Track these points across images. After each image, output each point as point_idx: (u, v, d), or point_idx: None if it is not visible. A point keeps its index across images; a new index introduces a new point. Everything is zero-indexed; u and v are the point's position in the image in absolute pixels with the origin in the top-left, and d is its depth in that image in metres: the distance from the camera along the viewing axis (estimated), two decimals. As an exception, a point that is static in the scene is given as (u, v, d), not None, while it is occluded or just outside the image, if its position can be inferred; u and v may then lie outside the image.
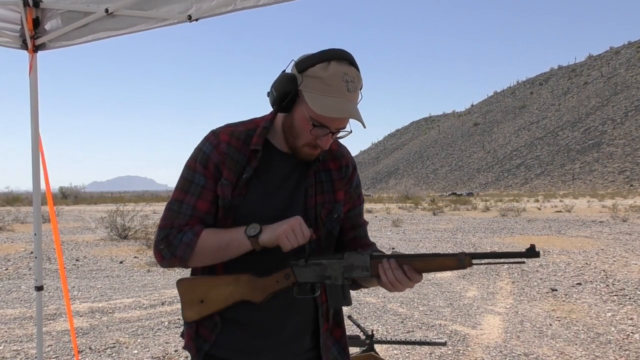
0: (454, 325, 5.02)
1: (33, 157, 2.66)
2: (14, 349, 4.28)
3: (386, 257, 1.19)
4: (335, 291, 1.23)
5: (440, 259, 1.17)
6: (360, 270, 1.21)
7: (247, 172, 1.26)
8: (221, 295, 1.24)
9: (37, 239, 2.72)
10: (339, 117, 1.19)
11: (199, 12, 2.16)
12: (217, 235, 1.24)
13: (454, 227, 17.11)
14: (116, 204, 26.23)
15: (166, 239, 1.25)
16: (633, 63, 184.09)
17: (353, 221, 1.41)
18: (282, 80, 1.21)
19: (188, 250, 1.23)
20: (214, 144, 1.26)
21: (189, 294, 1.26)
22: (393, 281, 1.17)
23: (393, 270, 1.17)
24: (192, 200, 1.26)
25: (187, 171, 1.28)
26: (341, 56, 1.19)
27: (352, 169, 1.39)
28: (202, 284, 1.26)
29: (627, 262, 8.62)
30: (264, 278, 1.24)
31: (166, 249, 1.25)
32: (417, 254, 1.20)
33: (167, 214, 1.28)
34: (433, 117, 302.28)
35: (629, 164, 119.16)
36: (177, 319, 5.23)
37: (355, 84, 1.20)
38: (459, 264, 1.16)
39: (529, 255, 1.12)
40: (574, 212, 25.50)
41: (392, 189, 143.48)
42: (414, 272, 1.17)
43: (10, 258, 9.79)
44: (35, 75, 2.62)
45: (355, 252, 1.23)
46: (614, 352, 4.14)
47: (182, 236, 1.24)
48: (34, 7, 2.55)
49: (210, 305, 1.25)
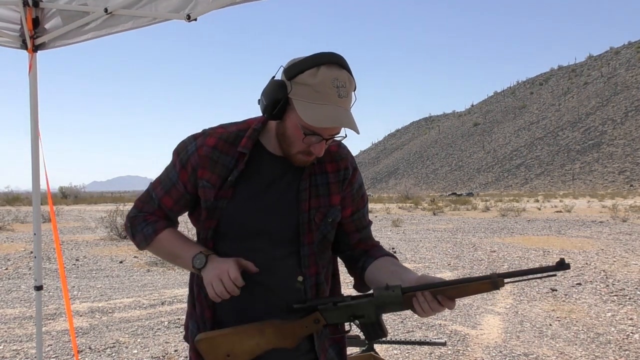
0: (453, 325, 5.02)
1: (33, 157, 2.66)
2: (13, 349, 4.28)
3: (420, 289, 1.16)
4: (372, 327, 1.20)
5: (475, 284, 1.15)
6: (393, 307, 1.18)
7: (233, 174, 1.24)
8: (247, 348, 1.20)
9: (37, 239, 2.72)
10: (330, 126, 1.15)
11: (197, 9, 2.15)
12: (172, 244, 1.30)
13: (454, 227, 17.10)
14: (116, 203, 26.23)
15: (133, 220, 1.35)
16: (633, 63, 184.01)
17: (357, 224, 1.38)
18: (271, 88, 1.18)
19: (143, 242, 1.32)
20: (198, 145, 1.26)
21: (214, 352, 1.21)
22: (428, 311, 1.16)
23: (429, 303, 1.15)
24: (161, 193, 1.32)
25: (170, 163, 1.32)
26: (331, 60, 1.14)
27: (352, 171, 1.35)
28: (224, 341, 1.21)
29: (627, 263, 8.62)
30: (291, 324, 1.20)
31: (130, 228, 1.35)
32: (450, 282, 1.16)
33: (144, 195, 1.36)
34: (433, 117, 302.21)
35: (629, 164, 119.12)
36: (177, 319, 5.23)
37: (346, 88, 1.16)
38: (493, 286, 1.14)
39: (559, 268, 1.11)
40: (574, 212, 25.49)
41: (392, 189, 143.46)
42: (449, 300, 1.16)
43: (10, 258, 9.78)
44: (34, 75, 2.62)
45: (384, 289, 1.18)
46: (613, 352, 4.14)
47: (145, 226, 1.31)
48: (33, 7, 2.55)
49: (237, 359, 1.21)
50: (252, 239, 1.25)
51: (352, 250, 1.39)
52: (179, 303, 5.99)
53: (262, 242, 1.25)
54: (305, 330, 1.21)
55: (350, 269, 1.41)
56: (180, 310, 5.65)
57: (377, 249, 1.39)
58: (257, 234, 1.26)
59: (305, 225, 1.27)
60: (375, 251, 1.37)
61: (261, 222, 1.25)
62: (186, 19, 2.16)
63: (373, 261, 1.32)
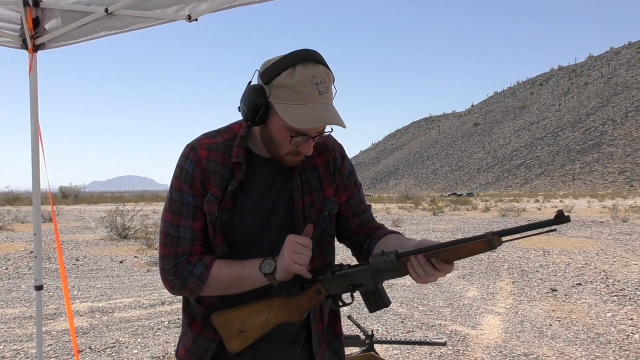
0: (453, 325, 5.02)
1: (33, 157, 2.66)
2: (13, 349, 4.28)
3: (413, 253, 1.13)
4: (372, 296, 1.20)
5: (469, 244, 1.10)
6: (389, 273, 1.16)
7: (232, 184, 1.22)
8: (258, 323, 1.23)
9: (37, 239, 2.72)
10: (315, 126, 1.13)
11: (197, 10, 2.15)
12: (230, 270, 1.20)
13: (454, 227, 17.10)
14: (116, 203, 26.24)
15: (174, 270, 1.21)
16: (633, 63, 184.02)
17: (355, 209, 1.37)
18: (249, 94, 1.15)
19: (199, 284, 1.20)
20: (195, 161, 1.21)
21: (228, 328, 1.24)
22: (424, 276, 1.13)
23: (422, 266, 1.12)
24: (189, 222, 1.22)
25: (175, 192, 1.23)
26: (305, 57, 1.12)
27: (340, 160, 1.34)
28: (236, 316, 1.24)
29: (627, 263, 8.62)
30: (296, 298, 1.22)
31: (176, 280, 1.22)
32: (444, 243, 1.13)
33: (166, 239, 1.23)
34: (433, 117, 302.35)
35: (629, 164, 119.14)
36: (176, 319, 5.23)
37: (326, 83, 1.13)
38: (489, 246, 1.09)
39: (558, 221, 1.04)
40: (574, 212, 25.48)
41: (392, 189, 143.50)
42: (443, 263, 1.12)
43: (10, 257, 9.78)
44: (35, 75, 2.62)
45: (379, 255, 1.17)
46: (613, 353, 4.14)
47: (193, 268, 1.20)
48: (33, 7, 2.55)
49: (251, 334, 1.24)
50: (257, 245, 1.25)
51: (355, 236, 1.38)
52: (179, 303, 5.99)
53: (265, 246, 1.25)
54: (309, 302, 1.22)
55: (357, 255, 1.40)
56: (180, 310, 5.65)
57: (380, 230, 1.37)
58: (261, 240, 1.25)
59: (301, 222, 1.27)
60: (378, 232, 1.36)
61: (263, 229, 1.25)
62: (187, 19, 2.16)
63: (377, 241, 1.31)
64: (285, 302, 1.22)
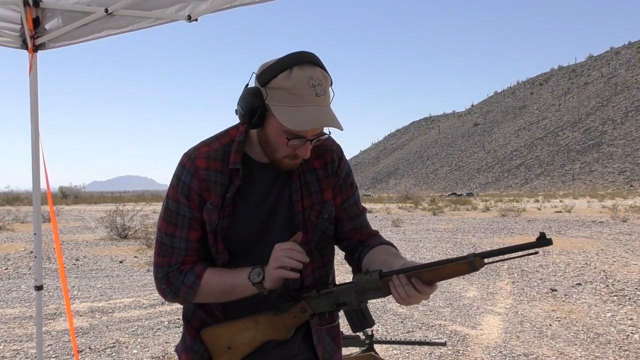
0: (453, 325, 5.02)
1: (33, 157, 2.66)
2: (13, 349, 4.28)
3: (395, 273, 1.11)
4: (355, 315, 1.19)
5: (450, 265, 1.08)
6: (373, 292, 1.16)
7: (230, 191, 1.22)
8: (245, 339, 1.24)
9: (37, 239, 2.72)
10: (311, 128, 1.13)
11: (198, 10, 2.16)
12: (220, 279, 1.21)
13: (454, 227, 17.11)
14: (116, 203, 26.24)
15: (167, 279, 1.23)
16: (633, 63, 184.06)
17: (349, 212, 1.36)
18: (246, 97, 1.15)
19: (190, 293, 1.21)
20: (192, 172, 1.21)
21: (216, 344, 1.26)
22: (405, 297, 1.09)
23: (404, 287, 1.09)
24: (184, 233, 1.22)
25: (171, 202, 1.23)
26: (302, 59, 1.11)
27: (338, 161, 1.33)
28: (224, 332, 1.25)
29: (627, 263, 8.62)
30: (282, 315, 1.22)
31: (168, 288, 1.23)
32: (425, 264, 1.10)
33: (161, 248, 1.24)
34: (433, 117, 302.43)
35: (629, 164, 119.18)
36: (176, 319, 5.23)
37: (322, 86, 1.12)
38: (471, 267, 1.07)
39: (540, 244, 1.03)
40: (574, 212, 25.50)
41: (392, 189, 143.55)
42: (423, 284, 1.09)
43: (10, 257, 9.79)
44: (35, 75, 2.62)
45: (363, 274, 1.16)
46: (613, 353, 4.14)
47: (184, 277, 1.21)
48: (34, 7, 2.55)
49: (238, 351, 1.25)
50: (258, 250, 1.25)
51: (348, 240, 1.37)
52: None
53: (266, 250, 1.24)
54: (294, 320, 1.22)
55: (348, 260, 1.39)
56: (180, 310, 5.65)
57: (374, 238, 1.35)
58: (262, 244, 1.25)
59: (301, 225, 1.27)
60: (371, 240, 1.34)
61: (264, 233, 1.25)
62: (187, 19, 2.16)
63: (369, 251, 1.30)
64: (272, 319, 1.22)
